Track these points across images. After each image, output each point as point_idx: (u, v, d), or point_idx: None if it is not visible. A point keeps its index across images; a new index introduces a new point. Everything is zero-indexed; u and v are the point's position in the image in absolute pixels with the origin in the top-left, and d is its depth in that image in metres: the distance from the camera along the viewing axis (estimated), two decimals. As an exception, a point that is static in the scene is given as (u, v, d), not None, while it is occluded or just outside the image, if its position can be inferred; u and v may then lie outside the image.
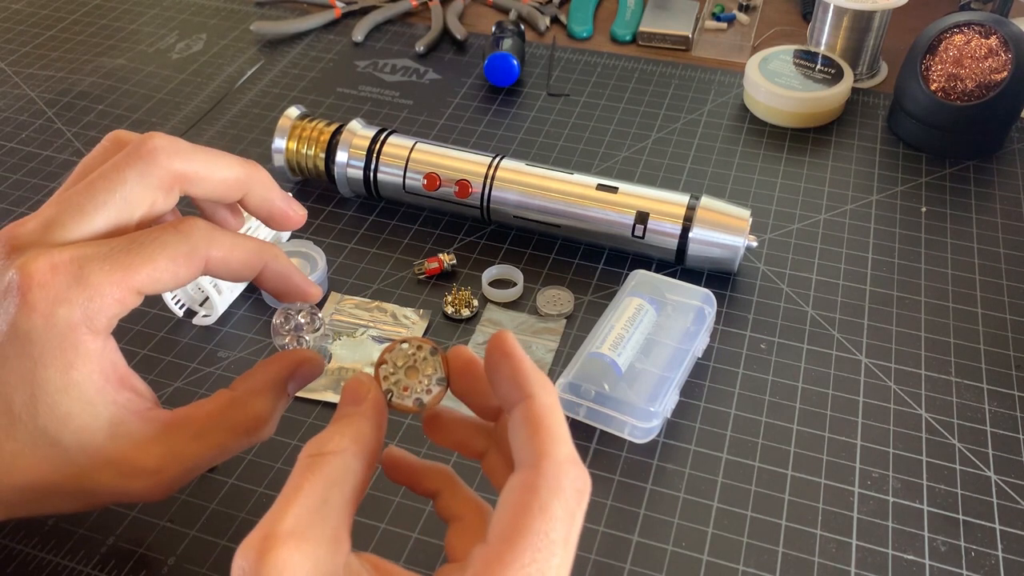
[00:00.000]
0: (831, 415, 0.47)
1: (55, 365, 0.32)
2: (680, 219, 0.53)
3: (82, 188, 0.34)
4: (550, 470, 0.28)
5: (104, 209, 0.34)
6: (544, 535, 0.28)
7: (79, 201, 0.34)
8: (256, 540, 0.27)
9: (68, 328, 0.31)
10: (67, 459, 0.32)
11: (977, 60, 0.62)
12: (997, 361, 0.50)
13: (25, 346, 0.31)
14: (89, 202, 0.34)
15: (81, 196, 0.34)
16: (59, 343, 0.31)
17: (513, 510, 0.28)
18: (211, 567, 0.40)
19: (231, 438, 0.35)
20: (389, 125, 0.67)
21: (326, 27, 0.81)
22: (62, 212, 0.34)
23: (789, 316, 0.53)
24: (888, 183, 0.63)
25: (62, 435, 0.32)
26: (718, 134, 0.67)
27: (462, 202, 0.57)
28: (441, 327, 0.52)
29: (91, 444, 0.33)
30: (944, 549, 0.41)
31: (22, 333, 0.31)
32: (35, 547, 0.41)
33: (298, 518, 0.28)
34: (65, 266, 0.31)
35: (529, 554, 0.27)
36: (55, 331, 0.31)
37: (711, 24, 0.81)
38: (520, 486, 0.28)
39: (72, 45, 0.79)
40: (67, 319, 0.31)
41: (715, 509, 0.43)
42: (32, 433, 0.32)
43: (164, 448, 0.34)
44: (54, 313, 0.31)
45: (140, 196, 0.34)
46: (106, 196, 0.34)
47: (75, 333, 0.32)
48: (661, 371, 0.46)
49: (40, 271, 0.31)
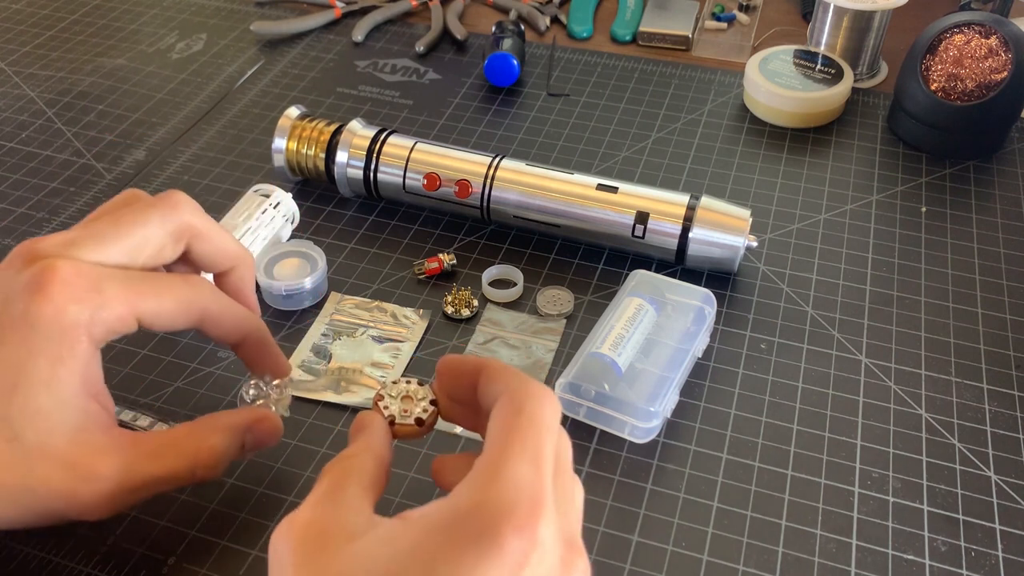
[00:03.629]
0: (831, 415, 0.47)
1: (47, 356, 0.33)
2: (680, 219, 0.53)
3: (109, 220, 0.37)
4: (528, 391, 0.32)
5: (122, 242, 0.37)
6: (536, 431, 0.30)
7: (102, 230, 0.37)
8: (283, 524, 0.30)
9: (72, 326, 0.34)
10: (21, 455, 0.33)
11: (977, 60, 0.62)
12: (997, 361, 0.50)
13: (27, 334, 0.33)
14: (112, 232, 0.37)
15: (105, 226, 0.37)
16: (59, 337, 0.34)
17: (502, 423, 0.31)
18: (211, 567, 0.40)
19: (182, 464, 0.37)
20: (389, 125, 0.67)
21: (326, 27, 0.81)
22: (84, 237, 0.36)
23: (789, 316, 0.53)
24: (888, 183, 0.63)
25: (25, 430, 0.33)
26: (718, 134, 0.67)
27: (462, 202, 0.57)
28: (441, 327, 0.52)
29: (50, 444, 0.34)
30: (944, 549, 0.41)
31: (30, 321, 0.33)
32: (35, 547, 0.41)
33: (316, 502, 0.31)
34: (88, 272, 0.35)
35: (528, 442, 0.30)
36: (60, 325, 0.34)
37: (711, 24, 0.81)
38: (503, 410, 0.31)
39: (72, 45, 0.79)
40: (75, 318, 0.34)
41: (715, 509, 0.43)
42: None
43: (119, 459, 0.35)
44: (66, 309, 0.34)
45: (155, 239, 0.38)
46: (129, 230, 0.37)
47: (76, 332, 0.34)
48: (661, 371, 0.46)
49: (65, 270, 0.34)
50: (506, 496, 0.28)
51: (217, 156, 0.65)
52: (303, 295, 0.52)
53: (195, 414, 0.47)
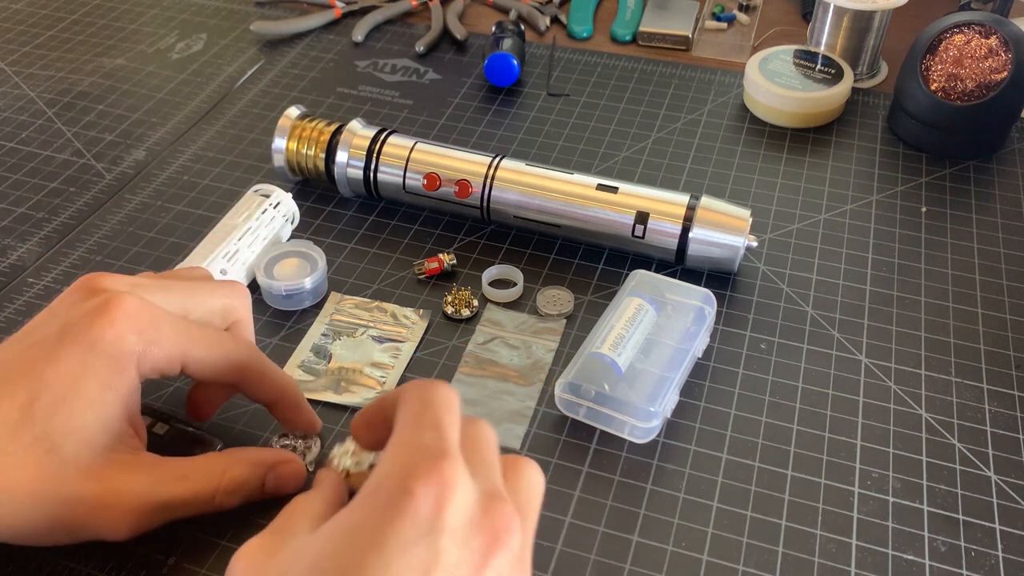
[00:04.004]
0: (831, 415, 0.47)
1: (99, 378, 0.36)
2: (680, 219, 0.53)
3: (174, 275, 0.42)
4: (423, 384, 0.34)
5: (183, 296, 0.40)
6: (433, 409, 0.32)
7: (168, 281, 0.41)
8: (238, 551, 0.33)
9: (128, 354, 0.36)
10: (57, 467, 0.35)
11: (977, 60, 0.62)
12: (997, 361, 0.50)
13: (85, 353, 0.36)
14: (176, 286, 0.41)
15: (170, 279, 0.41)
16: (114, 361, 0.36)
17: (403, 413, 0.33)
18: (211, 567, 0.40)
19: (205, 489, 0.38)
20: (389, 125, 0.67)
21: (326, 27, 0.81)
22: (150, 282, 0.40)
23: (789, 316, 0.53)
24: (888, 183, 0.63)
25: (63, 444, 0.35)
26: (718, 134, 0.67)
27: (462, 202, 0.57)
28: (441, 327, 0.52)
29: (85, 459, 0.35)
30: (944, 549, 0.41)
31: (91, 341, 0.36)
32: (34, 547, 0.41)
33: (267, 531, 0.34)
34: (150, 310, 0.37)
35: (426, 417, 0.32)
36: (117, 350, 0.36)
37: (711, 24, 0.81)
38: (403, 406, 0.33)
39: (72, 45, 0.79)
40: (132, 346, 0.36)
41: (715, 509, 0.43)
42: (35, 436, 0.35)
43: (146, 479, 0.37)
44: (126, 337, 0.36)
45: (210, 305, 0.41)
46: (192, 288, 0.41)
47: (129, 360, 0.36)
48: (661, 371, 0.46)
49: (131, 302, 0.37)
50: (411, 459, 0.29)
51: (217, 156, 0.65)
52: (303, 295, 0.52)
53: (195, 414, 0.47)
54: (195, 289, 0.41)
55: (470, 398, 0.48)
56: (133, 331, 0.36)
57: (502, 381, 0.48)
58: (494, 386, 0.48)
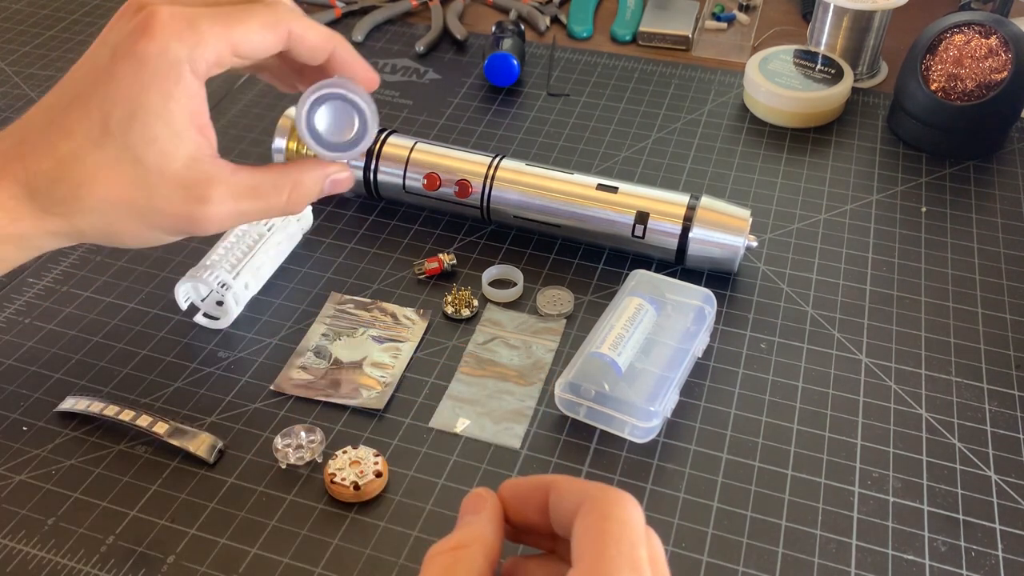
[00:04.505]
0: (831, 415, 0.47)
1: (159, 90, 0.37)
2: (680, 219, 0.53)
3: (229, 9, 0.40)
4: (610, 496, 0.29)
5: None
6: (628, 537, 0.28)
7: None
8: None
9: (177, 61, 0.37)
10: (143, 177, 0.38)
11: (977, 60, 0.62)
12: (997, 361, 0.50)
13: (139, 69, 0.37)
14: (225, 9, 0.40)
15: (221, 7, 0.40)
16: (166, 72, 0.37)
17: (590, 534, 0.29)
18: (210, 565, 0.40)
19: (276, 202, 0.41)
20: (389, 125, 0.67)
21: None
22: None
23: (789, 316, 0.53)
24: (888, 183, 0.63)
25: (146, 155, 0.38)
26: (718, 134, 0.67)
27: (462, 202, 0.57)
28: (441, 327, 0.52)
29: (169, 168, 0.38)
30: (944, 549, 0.41)
31: (140, 57, 0.37)
32: (35, 547, 0.41)
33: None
34: (183, 14, 0.38)
35: (622, 547, 0.28)
36: (166, 60, 0.37)
37: (711, 24, 0.81)
38: (589, 520, 0.29)
39: (72, 45, 0.79)
40: (177, 54, 0.37)
41: (715, 509, 0.43)
42: (119, 148, 0.37)
43: (225, 188, 0.39)
44: (169, 46, 0.37)
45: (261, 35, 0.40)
46: (242, 20, 0.39)
47: (180, 67, 0.37)
48: (661, 371, 0.46)
49: (164, 13, 0.37)
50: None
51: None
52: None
53: (195, 414, 0.47)
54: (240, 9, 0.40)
55: (470, 398, 0.48)
56: (174, 39, 0.37)
57: (502, 381, 0.48)
58: (494, 386, 0.48)
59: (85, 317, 0.52)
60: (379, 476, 0.43)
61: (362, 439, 0.46)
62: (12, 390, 0.48)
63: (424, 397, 0.48)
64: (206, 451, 0.44)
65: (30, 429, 0.46)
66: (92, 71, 0.38)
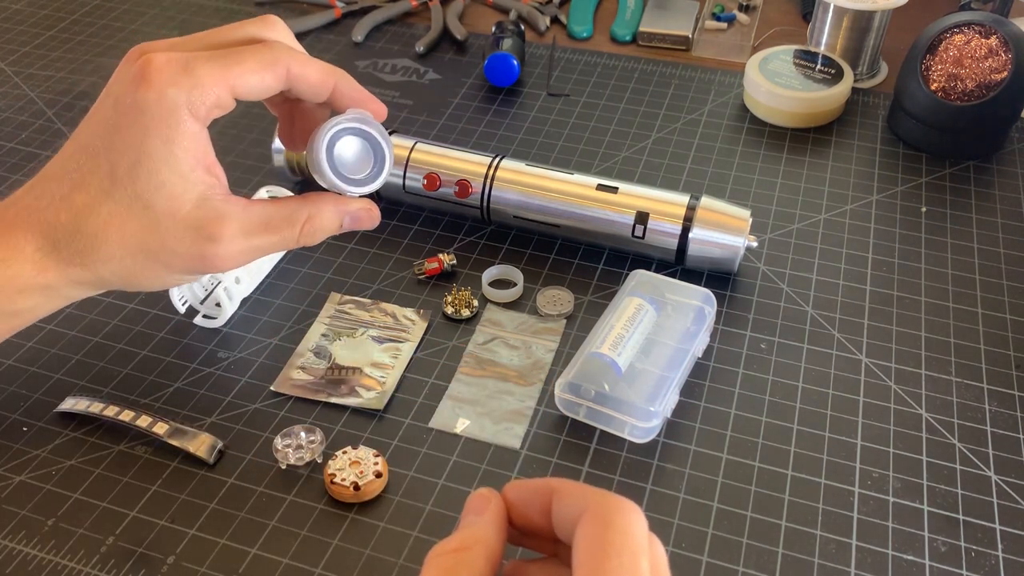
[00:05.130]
0: (831, 415, 0.47)
1: (160, 136, 0.38)
2: (680, 219, 0.53)
3: (225, 52, 0.40)
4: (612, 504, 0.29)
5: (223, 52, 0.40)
6: (629, 546, 0.28)
7: (207, 37, 0.41)
8: None
9: (175, 106, 0.38)
10: (154, 222, 0.39)
11: (977, 60, 0.62)
12: (997, 361, 0.50)
13: (139, 118, 0.38)
14: (212, 39, 0.41)
15: (210, 34, 0.41)
16: (166, 118, 0.38)
17: (591, 541, 0.28)
18: (210, 566, 0.40)
19: (290, 232, 0.42)
20: (389, 125, 0.67)
21: (326, 27, 0.81)
22: (188, 39, 0.41)
23: (789, 316, 0.53)
24: (888, 183, 0.63)
25: (155, 200, 0.38)
26: (718, 134, 0.67)
27: (462, 202, 0.57)
28: (441, 327, 0.52)
29: (179, 211, 0.39)
30: (944, 549, 0.41)
31: (139, 105, 0.38)
32: (35, 547, 0.41)
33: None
34: (178, 59, 0.38)
35: (623, 558, 0.27)
36: (164, 107, 0.38)
37: (711, 24, 0.81)
38: (590, 527, 0.29)
39: (72, 45, 0.79)
40: (175, 99, 0.38)
41: (715, 509, 0.43)
42: (129, 196, 0.38)
43: (237, 224, 0.40)
44: (165, 92, 0.38)
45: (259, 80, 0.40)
46: (239, 61, 0.39)
47: (179, 113, 0.38)
48: (661, 371, 0.46)
49: (160, 59, 0.38)
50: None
51: (217, 156, 0.65)
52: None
53: (195, 415, 0.47)
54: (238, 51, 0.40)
55: (470, 398, 0.48)
56: (170, 84, 0.38)
57: (502, 381, 0.48)
58: (494, 386, 0.48)
59: (85, 317, 0.52)
60: (379, 476, 0.43)
61: (362, 439, 0.46)
62: (12, 390, 0.48)
63: (424, 397, 0.48)
64: (206, 451, 0.44)
65: (30, 429, 0.46)
66: (99, 122, 0.39)
